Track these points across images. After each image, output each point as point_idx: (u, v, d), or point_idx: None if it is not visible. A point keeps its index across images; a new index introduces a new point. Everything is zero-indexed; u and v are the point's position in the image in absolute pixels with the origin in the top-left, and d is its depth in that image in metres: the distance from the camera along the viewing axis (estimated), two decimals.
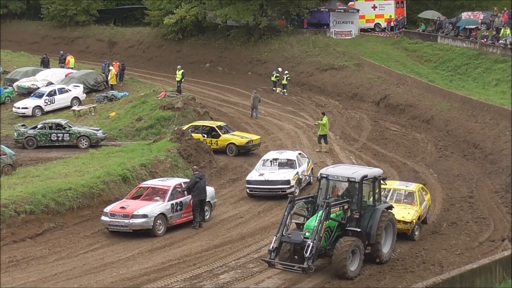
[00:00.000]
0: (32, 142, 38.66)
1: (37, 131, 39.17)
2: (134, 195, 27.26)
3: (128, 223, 25.53)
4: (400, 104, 45.83)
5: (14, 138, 39.53)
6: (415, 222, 25.15)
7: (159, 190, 27.21)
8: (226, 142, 37.17)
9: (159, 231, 25.91)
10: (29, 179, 29.56)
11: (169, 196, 26.70)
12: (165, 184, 27.50)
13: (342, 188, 23.19)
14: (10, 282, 21.34)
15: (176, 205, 26.63)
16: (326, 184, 22.93)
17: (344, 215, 22.34)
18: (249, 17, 60.01)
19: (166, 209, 26.24)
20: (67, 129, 39.15)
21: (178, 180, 28.51)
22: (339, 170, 23.72)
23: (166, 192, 26.87)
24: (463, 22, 54.20)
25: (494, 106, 39.21)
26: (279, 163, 31.88)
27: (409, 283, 20.91)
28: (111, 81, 50.83)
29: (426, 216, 26.77)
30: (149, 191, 27.35)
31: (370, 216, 22.58)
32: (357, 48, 57.72)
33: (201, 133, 37.75)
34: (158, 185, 27.53)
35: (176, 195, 27.05)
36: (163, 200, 26.56)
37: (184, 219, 26.98)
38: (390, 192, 26.47)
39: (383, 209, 22.98)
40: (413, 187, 26.89)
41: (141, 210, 25.73)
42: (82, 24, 75.00)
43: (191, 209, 27.10)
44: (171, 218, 26.42)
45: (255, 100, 45.40)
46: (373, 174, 23.28)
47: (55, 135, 38.94)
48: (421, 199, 26.40)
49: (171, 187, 27.04)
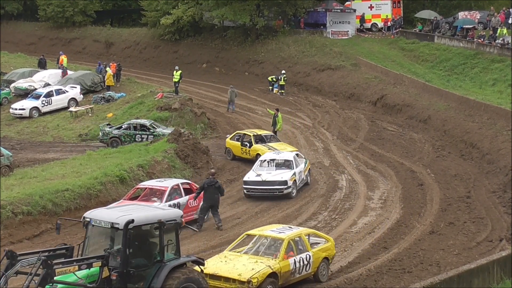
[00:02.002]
0: (117, 143, 38.34)
1: (121, 132, 39.02)
2: (132, 196, 27.12)
3: None
4: (397, 104, 45.85)
5: (99, 137, 39.64)
6: (257, 282, 18.84)
7: (157, 191, 27.03)
8: (255, 152, 35.30)
9: None
10: (27, 180, 29.55)
11: (167, 197, 26.53)
12: (162, 185, 27.31)
13: (108, 237, 17.05)
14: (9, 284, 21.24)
15: (173, 206, 26.29)
16: (91, 231, 17.00)
17: (99, 276, 16.16)
18: (246, 18, 59.98)
19: None
20: (152, 130, 38.94)
21: (176, 180, 28.32)
22: (107, 213, 17.68)
23: (164, 193, 26.70)
24: (460, 22, 54.21)
25: (491, 106, 39.22)
26: (276, 163, 31.82)
27: (406, 284, 20.89)
28: (107, 82, 50.79)
29: (315, 272, 21.09)
30: (147, 192, 27.19)
31: (154, 276, 16.73)
32: (354, 48, 57.73)
33: (238, 141, 36.62)
34: (156, 186, 27.36)
35: (174, 196, 26.89)
36: (160, 201, 26.31)
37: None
38: (254, 239, 20.96)
39: (175, 265, 17.10)
40: (286, 235, 20.49)
41: None
42: (79, 25, 74.98)
43: (189, 209, 26.96)
44: None
45: (232, 94, 46.69)
46: (154, 217, 17.03)
47: (139, 136, 38.71)
48: (298, 249, 20.57)
49: (169, 188, 26.88)
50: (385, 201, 30.13)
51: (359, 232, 26.26)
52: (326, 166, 35.67)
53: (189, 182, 28.87)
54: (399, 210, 28.81)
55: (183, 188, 27.61)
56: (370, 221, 27.55)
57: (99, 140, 39.68)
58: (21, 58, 65.15)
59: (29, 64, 60.42)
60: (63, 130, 44.11)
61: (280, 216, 28.16)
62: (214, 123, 43.87)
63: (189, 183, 28.65)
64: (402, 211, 28.67)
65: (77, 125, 44.59)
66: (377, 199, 30.41)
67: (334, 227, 26.84)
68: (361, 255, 23.67)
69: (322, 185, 32.63)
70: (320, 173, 34.45)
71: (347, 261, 23.05)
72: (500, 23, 50.64)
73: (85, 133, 42.90)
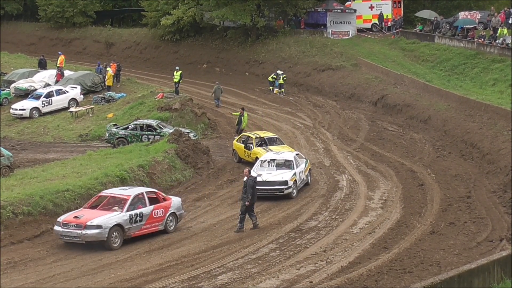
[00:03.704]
0: (124, 144, 38.14)
1: (128, 132, 38.92)
2: (93, 204, 25.81)
3: (80, 234, 24.11)
4: (398, 104, 45.86)
5: (105, 138, 39.61)
6: None
7: (119, 199, 25.63)
8: (255, 155, 34.97)
9: (114, 243, 24.51)
10: (27, 180, 29.55)
11: (128, 206, 25.17)
12: (125, 193, 25.91)
13: None
14: (8, 284, 21.33)
15: (135, 216, 25.15)
16: None
17: None
18: (246, 18, 59.99)
19: (123, 220, 24.75)
20: (158, 130, 38.78)
21: (141, 189, 27.02)
22: None
23: (126, 201, 25.31)
24: (460, 22, 54.21)
25: (492, 106, 39.21)
26: (277, 163, 31.79)
27: (407, 284, 20.89)
28: (108, 82, 50.80)
29: None
30: (108, 200, 25.77)
31: None
32: (354, 48, 57.73)
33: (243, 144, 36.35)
34: (118, 194, 25.93)
35: (137, 205, 25.57)
36: (121, 210, 25.02)
37: (145, 231, 25.62)
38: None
39: None
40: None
41: (95, 221, 24.25)
42: (79, 25, 74.94)
43: (153, 220, 25.80)
44: (129, 230, 24.95)
45: (217, 91, 47.90)
46: None
47: (146, 137, 38.55)
48: None
49: (131, 197, 25.52)
50: (386, 201, 30.13)
51: (360, 232, 26.25)
52: (327, 166, 35.68)
53: (155, 191, 27.40)
54: (399, 210, 28.81)
55: (148, 197, 26.16)
56: (370, 221, 27.55)
57: (105, 140, 39.63)
58: (21, 58, 65.14)
59: (29, 65, 60.40)
60: (63, 131, 44.13)
61: (281, 216, 28.18)
62: (214, 123, 43.88)
63: (156, 192, 27.18)
64: (403, 211, 28.67)
65: (78, 126, 44.60)
66: (377, 199, 30.41)
67: (335, 227, 26.85)
68: (362, 255, 23.67)
69: (323, 185, 32.64)
70: (321, 173, 34.46)
71: (347, 261, 23.03)
72: (500, 23, 50.64)
73: (85, 133, 42.91)
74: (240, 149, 36.36)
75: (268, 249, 24.40)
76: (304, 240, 25.28)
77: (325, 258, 23.26)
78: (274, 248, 24.52)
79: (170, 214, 26.53)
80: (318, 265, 22.64)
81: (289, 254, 23.85)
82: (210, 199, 30.82)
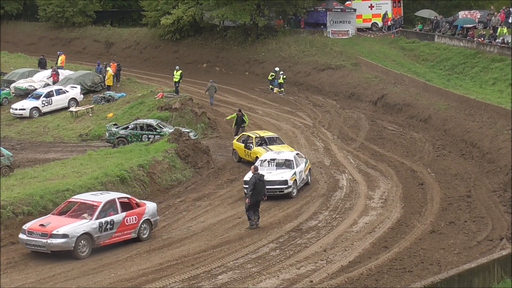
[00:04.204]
0: (124, 143, 38.11)
1: (128, 132, 38.91)
2: (62, 210, 24.69)
3: (45, 244, 22.99)
4: (398, 103, 45.86)
5: (105, 138, 39.61)
6: None
7: (89, 205, 24.42)
8: (255, 155, 34.83)
9: (82, 253, 23.41)
10: (27, 180, 29.53)
11: (98, 213, 24.01)
12: (95, 200, 24.64)
13: None
14: (8, 284, 21.32)
15: (105, 224, 24.04)
16: None
17: None
18: (246, 17, 60.00)
19: (92, 228, 23.62)
20: (158, 130, 38.76)
21: (113, 195, 25.66)
22: None
23: (96, 208, 24.12)
24: (460, 21, 54.21)
25: (492, 105, 39.22)
26: (277, 163, 31.74)
27: (407, 283, 20.89)
28: (107, 82, 50.80)
29: None
30: (78, 207, 24.61)
31: None
32: (354, 48, 57.74)
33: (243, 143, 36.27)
34: (88, 200, 24.68)
35: (109, 212, 24.40)
36: (90, 217, 23.92)
37: (116, 239, 24.53)
38: None
39: None
40: None
41: (61, 229, 23.08)
42: (79, 25, 74.96)
43: (125, 228, 24.73)
44: (98, 239, 23.83)
45: (210, 89, 48.21)
46: None
47: (146, 136, 38.53)
48: None
49: (102, 203, 24.31)
50: (386, 200, 30.13)
51: (360, 231, 26.25)
52: (327, 165, 35.68)
53: (128, 196, 26.10)
54: (399, 209, 28.81)
55: (120, 203, 24.98)
56: (370, 220, 27.54)
57: (105, 140, 39.63)
58: (21, 58, 65.15)
59: (29, 64, 60.41)
60: (63, 130, 44.12)
61: (281, 216, 28.17)
62: (214, 123, 43.87)
63: (129, 197, 25.92)
64: (403, 210, 28.66)
65: (78, 125, 44.59)
66: (377, 199, 30.41)
67: (335, 226, 26.84)
68: (362, 255, 23.66)
69: (323, 184, 32.63)
70: (321, 172, 34.45)
71: (347, 260, 23.03)
72: (500, 23, 50.65)
73: (85, 133, 42.90)
74: (240, 148, 36.35)
75: (268, 248, 24.40)
76: (304, 240, 25.28)
77: (325, 258, 23.27)
78: (274, 247, 24.52)
79: (144, 221, 25.42)
80: (318, 265, 22.64)
81: (289, 253, 23.85)
82: (210, 199, 30.81)
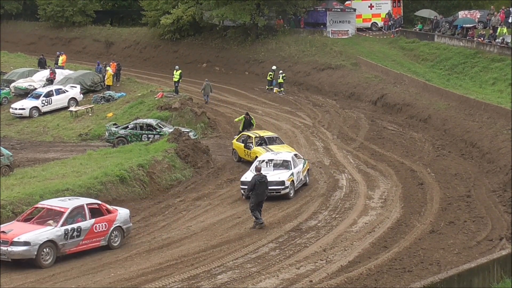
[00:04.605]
0: (123, 143, 38.10)
1: (128, 131, 38.92)
2: (28, 216, 23.70)
3: (6, 251, 21.99)
4: (397, 103, 45.86)
5: (105, 137, 39.61)
6: None
7: (55, 212, 23.37)
8: (255, 155, 34.69)
9: (45, 261, 22.39)
10: (27, 180, 29.54)
11: (64, 220, 22.96)
12: (62, 206, 23.54)
13: None
14: (8, 283, 21.31)
15: (72, 231, 22.97)
16: None
17: None
18: (246, 17, 60.03)
19: (56, 236, 22.58)
20: (158, 129, 38.76)
21: (82, 200, 24.54)
22: None
23: (62, 214, 23.06)
24: (460, 21, 54.23)
25: (491, 105, 39.22)
26: (274, 164, 31.57)
27: (407, 283, 20.89)
28: (107, 82, 50.81)
29: None
30: (44, 213, 23.61)
31: None
32: (354, 48, 57.76)
33: (242, 143, 36.25)
34: (55, 206, 23.57)
35: (76, 219, 23.37)
36: (56, 224, 22.85)
37: (84, 247, 23.53)
38: None
39: None
40: None
41: (22, 237, 22.06)
42: (78, 24, 75.00)
43: (94, 235, 23.72)
44: (63, 246, 22.84)
45: (206, 88, 48.37)
46: None
47: (145, 136, 38.54)
48: None
49: (69, 209, 23.27)
50: (385, 200, 30.12)
51: (360, 231, 26.24)
52: (326, 165, 35.67)
53: (98, 202, 25.04)
54: (399, 209, 28.80)
55: (89, 209, 23.96)
56: (370, 220, 27.54)
57: (105, 140, 39.63)
58: (21, 57, 65.19)
59: (29, 64, 60.46)
60: (63, 130, 44.13)
61: (280, 216, 28.16)
62: (214, 122, 43.89)
63: (99, 203, 24.85)
64: (403, 210, 28.66)
65: (77, 125, 44.60)
66: (377, 199, 30.40)
67: (335, 226, 26.83)
68: (362, 255, 23.66)
69: (322, 184, 32.62)
70: (320, 172, 34.44)
71: (347, 260, 23.02)
72: (500, 22, 50.67)
73: (85, 132, 42.90)
74: (240, 148, 36.33)
75: (268, 248, 24.39)
76: (304, 239, 25.27)
77: (325, 257, 23.26)
78: (274, 247, 24.51)
79: (114, 228, 24.40)
80: (318, 264, 22.63)
81: (289, 253, 23.84)
82: (210, 199, 30.80)
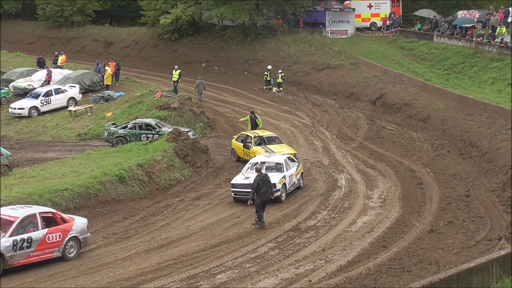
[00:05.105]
0: (122, 143, 38.14)
1: (127, 131, 38.96)
2: None
3: None
4: (396, 103, 45.87)
5: (104, 137, 39.63)
6: None
7: (4, 221, 21.87)
8: (253, 155, 34.55)
9: None
10: (26, 179, 29.55)
11: (13, 229, 21.61)
12: (12, 214, 22.13)
13: None
14: (7, 283, 21.29)
15: (21, 242, 21.65)
16: None
17: None
18: (245, 17, 60.05)
19: (4, 247, 21.27)
20: (157, 129, 38.78)
21: (34, 209, 23.05)
22: None
23: (11, 224, 21.68)
24: (459, 21, 54.27)
25: (491, 105, 39.24)
26: (267, 166, 31.00)
27: (406, 282, 20.90)
28: (106, 81, 50.80)
29: None
30: None
31: None
32: (353, 47, 57.78)
33: (241, 143, 36.23)
34: (4, 215, 22.10)
35: (28, 229, 22.03)
36: (4, 234, 21.48)
37: (35, 259, 22.22)
38: None
39: None
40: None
41: None
42: (77, 24, 74.98)
43: (46, 246, 22.39)
44: (11, 258, 21.51)
45: (199, 86, 48.48)
46: None
47: (144, 136, 38.56)
48: None
49: (19, 219, 21.88)
50: (385, 200, 30.12)
51: (359, 231, 26.24)
52: (326, 165, 35.67)
53: (52, 211, 23.60)
54: (398, 209, 28.81)
55: (42, 218, 22.53)
56: (369, 220, 27.54)
57: (104, 139, 39.63)
58: (20, 57, 65.11)
59: (28, 64, 60.41)
60: (62, 130, 44.13)
61: (280, 215, 28.15)
62: (213, 122, 43.88)
63: (53, 212, 23.44)
64: (402, 210, 28.66)
65: (76, 125, 44.61)
66: (376, 198, 30.40)
67: (334, 226, 26.83)
68: (361, 254, 23.66)
69: (322, 184, 32.61)
70: (320, 172, 34.44)
71: (346, 260, 23.03)
72: (499, 22, 50.70)
73: (84, 132, 42.91)
74: (239, 148, 36.30)
75: (267, 248, 24.39)
76: (303, 239, 25.27)
77: (324, 257, 23.26)
78: (273, 247, 24.51)
79: (70, 238, 23.10)
80: (317, 264, 22.64)
81: (288, 253, 23.84)
82: (209, 198, 30.80)
